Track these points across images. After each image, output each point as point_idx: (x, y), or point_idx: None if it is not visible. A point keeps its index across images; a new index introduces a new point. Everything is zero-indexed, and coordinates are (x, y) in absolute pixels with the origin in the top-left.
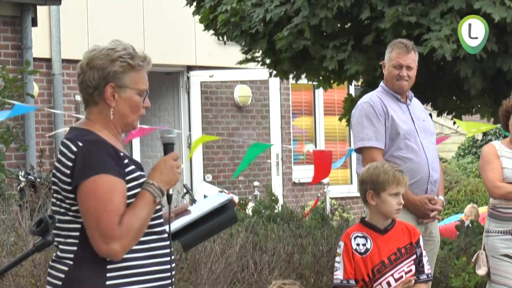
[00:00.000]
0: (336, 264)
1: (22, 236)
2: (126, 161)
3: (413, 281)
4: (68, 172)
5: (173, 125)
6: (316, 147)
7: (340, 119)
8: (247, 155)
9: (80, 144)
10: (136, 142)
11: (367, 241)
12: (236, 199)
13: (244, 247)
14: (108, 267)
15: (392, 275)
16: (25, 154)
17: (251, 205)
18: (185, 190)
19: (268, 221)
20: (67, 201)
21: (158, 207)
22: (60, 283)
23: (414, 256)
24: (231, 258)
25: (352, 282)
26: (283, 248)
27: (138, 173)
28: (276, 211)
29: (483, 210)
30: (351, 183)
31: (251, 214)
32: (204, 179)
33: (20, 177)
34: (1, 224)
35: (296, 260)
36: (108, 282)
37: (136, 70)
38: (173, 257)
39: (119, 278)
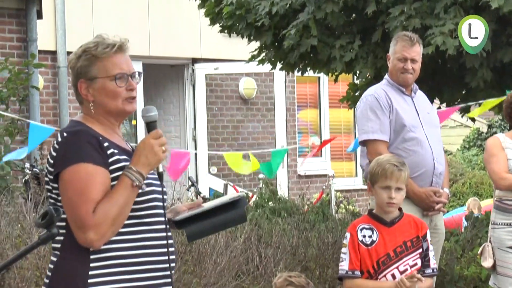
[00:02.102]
0: (342, 255)
1: (27, 228)
2: (110, 151)
3: (418, 276)
4: (52, 162)
5: (178, 117)
6: (321, 139)
7: (341, 101)
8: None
9: (65, 134)
10: (140, 134)
11: (373, 233)
12: (240, 191)
13: (248, 239)
14: (92, 257)
15: (397, 267)
16: None
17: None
18: (190, 183)
19: (272, 214)
20: (54, 191)
21: (150, 196)
22: (50, 273)
23: (420, 250)
24: (236, 251)
25: (357, 273)
26: (287, 240)
27: (128, 163)
28: (280, 204)
29: (489, 202)
30: (356, 175)
31: (255, 207)
32: (209, 172)
33: (25, 169)
34: (6, 216)
35: (301, 252)
36: (91, 272)
37: (101, 59)
38: (172, 249)
39: (103, 268)
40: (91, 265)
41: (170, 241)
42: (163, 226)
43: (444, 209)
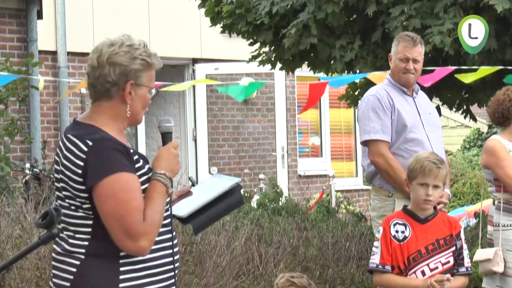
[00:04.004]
0: (373, 249)
1: (27, 229)
2: (136, 157)
3: (447, 279)
4: (80, 171)
5: (178, 117)
6: (321, 139)
7: (340, 99)
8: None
9: (90, 143)
10: (141, 135)
11: (406, 229)
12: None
13: (249, 240)
14: (121, 261)
15: (427, 264)
16: (30, 147)
17: (256, 197)
18: (190, 183)
19: (273, 214)
20: (78, 199)
21: (168, 199)
22: (71, 277)
23: (454, 248)
24: (236, 251)
25: (388, 267)
26: (288, 241)
27: (147, 167)
28: (280, 203)
29: (489, 202)
30: (356, 175)
31: (256, 207)
32: (210, 172)
33: (25, 169)
34: (6, 217)
35: (301, 253)
36: (121, 276)
37: (151, 69)
38: (176, 249)
39: (132, 272)
40: (121, 269)
41: (175, 241)
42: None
43: (445, 209)
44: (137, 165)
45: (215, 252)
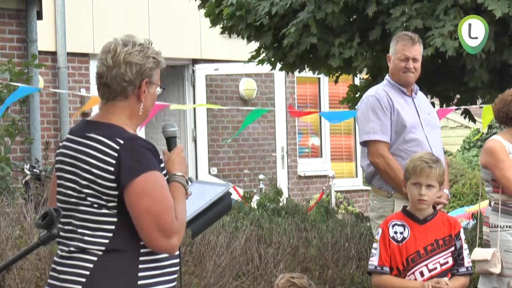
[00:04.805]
0: (372, 250)
1: (27, 229)
2: (161, 157)
3: (445, 283)
4: (112, 169)
5: (178, 118)
6: (321, 140)
7: (341, 102)
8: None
9: (121, 141)
10: (141, 135)
11: (404, 230)
12: (241, 192)
13: (249, 240)
14: (141, 258)
15: (426, 265)
16: (30, 147)
17: (256, 198)
18: (190, 183)
19: (273, 215)
20: (105, 197)
21: None
22: (88, 272)
23: (453, 249)
24: (236, 252)
25: (386, 269)
26: (288, 241)
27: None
28: (280, 204)
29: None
30: (356, 176)
31: (256, 207)
32: (209, 172)
33: (25, 170)
34: (6, 217)
35: (301, 253)
36: (140, 274)
37: (159, 67)
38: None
39: (149, 270)
40: (140, 266)
41: None
42: None
43: (444, 210)
44: (161, 165)
45: (215, 253)
